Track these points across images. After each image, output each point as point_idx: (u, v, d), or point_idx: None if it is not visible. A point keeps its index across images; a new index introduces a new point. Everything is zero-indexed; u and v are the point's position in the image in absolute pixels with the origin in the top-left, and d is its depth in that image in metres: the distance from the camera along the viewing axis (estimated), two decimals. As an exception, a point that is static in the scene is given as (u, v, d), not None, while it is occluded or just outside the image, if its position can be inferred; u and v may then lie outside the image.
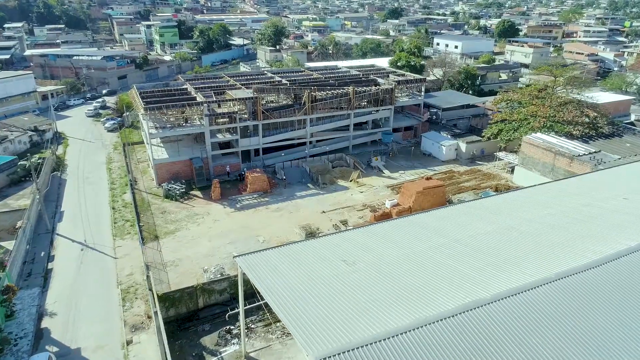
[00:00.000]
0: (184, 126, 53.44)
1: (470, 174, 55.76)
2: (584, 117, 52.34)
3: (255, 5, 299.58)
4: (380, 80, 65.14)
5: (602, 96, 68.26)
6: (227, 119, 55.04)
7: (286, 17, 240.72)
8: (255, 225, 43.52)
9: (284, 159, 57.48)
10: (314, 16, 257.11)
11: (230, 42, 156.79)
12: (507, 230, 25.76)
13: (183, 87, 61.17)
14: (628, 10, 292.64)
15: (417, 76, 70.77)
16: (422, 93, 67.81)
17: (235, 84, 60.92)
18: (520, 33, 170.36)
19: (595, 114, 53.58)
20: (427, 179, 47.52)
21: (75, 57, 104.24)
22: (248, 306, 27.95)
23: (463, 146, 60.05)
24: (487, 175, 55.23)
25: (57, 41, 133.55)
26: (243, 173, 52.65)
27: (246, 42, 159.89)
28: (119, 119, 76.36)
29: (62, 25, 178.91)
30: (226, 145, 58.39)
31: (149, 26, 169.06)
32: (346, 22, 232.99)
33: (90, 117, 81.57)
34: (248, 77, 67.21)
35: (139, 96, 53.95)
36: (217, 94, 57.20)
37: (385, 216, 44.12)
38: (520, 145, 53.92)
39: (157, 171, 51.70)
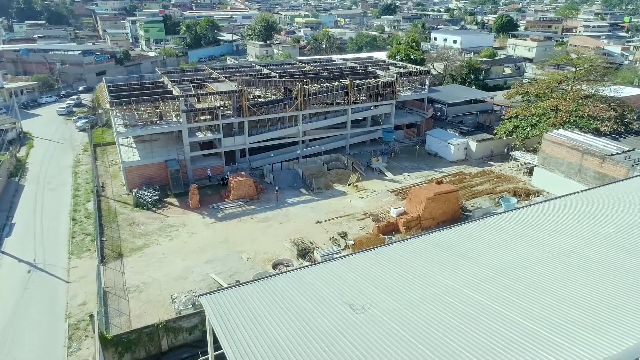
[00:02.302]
0: (158, 124, 46.79)
1: (483, 176, 49.64)
2: (611, 111, 46.34)
3: (246, 2, 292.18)
4: (379, 72, 58.84)
5: (621, 90, 62.40)
6: (209, 116, 48.50)
7: (278, 14, 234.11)
8: (239, 239, 37.06)
9: (274, 161, 51.03)
10: (307, 13, 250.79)
11: (219, 37, 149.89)
12: (564, 256, 19.50)
13: (160, 80, 54.50)
14: (623, 7, 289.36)
15: (420, 68, 64.56)
16: (426, 87, 61.54)
17: (219, 77, 54.37)
18: (519, 28, 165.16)
19: (623, 108, 47.62)
20: (438, 182, 41.29)
21: (50, 52, 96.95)
22: (220, 351, 21.49)
23: (473, 145, 53.93)
24: (501, 177, 49.13)
25: (34, 36, 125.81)
26: (226, 177, 46.15)
27: (235, 37, 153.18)
28: (93, 117, 69.57)
29: (43, 22, 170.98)
30: (209, 145, 51.88)
31: (134, 22, 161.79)
32: (339, 19, 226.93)
33: (62, 115, 74.58)
34: (233, 69, 60.65)
35: (106, 90, 47.25)
36: (198, 88, 50.66)
37: (391, 227, 37.96)
38: (539, 143, 47.92)
39: (127, 175, 45.06)
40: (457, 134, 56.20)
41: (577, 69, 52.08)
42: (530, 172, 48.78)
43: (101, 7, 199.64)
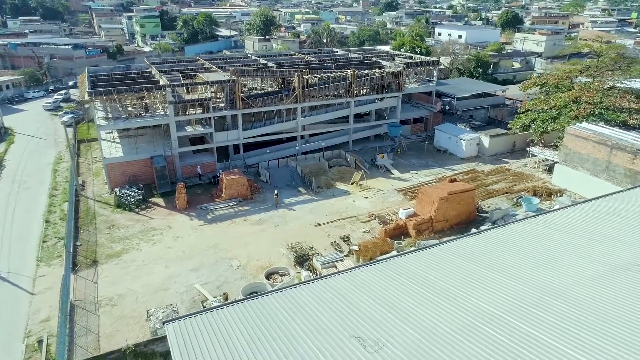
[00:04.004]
0: (144, 116, 42.77)
1: (498, 174, 45.58)
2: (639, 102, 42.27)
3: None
4: (384, 63, 54.75)
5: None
6: (199, 109, 44.50)
7: (278, 11, 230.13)
8: (230, 244, 33.04)
9: (270, 158, 46.99)
10: (307, 10, 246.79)
11: (217, 33, 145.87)
12: (626, 270, 15.46)
13: (147, 71, 50.50)
14: (629, 4, 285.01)
15: (428, 58, 60.47)
16: (435, 79, 57.43)
17: (211, 67, 50.34)
18: (524, 24, 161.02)
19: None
20: (451, 180, 37.24)
21: (39, 46, 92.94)
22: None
23: (486, 141, 49.84)
24: (518, 175, 45.04)
25: (25, 31, 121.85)
26: (218, 175, 42.14)
27: (234, 33, 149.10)
28: (81, 112, 65.62)
29: (37, 18, 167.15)
30: (200, 141, 47.94)
31: (130, 17, 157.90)
32: (340, 16, 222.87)
33: (48, 110, 70.69)
34: (227, 60, 56.62)
35: (88, 80, 43.27)
36: (188, 78, 46.60)
37: (399, 230, 33.92)
38: (560, 138, 43.91)
39: (109, 173, 41.08)
40: (468, 129, 52.14)
41: (600, 57, 47.93)
42: (549, 169, 44.78)
43: (97, 3, 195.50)
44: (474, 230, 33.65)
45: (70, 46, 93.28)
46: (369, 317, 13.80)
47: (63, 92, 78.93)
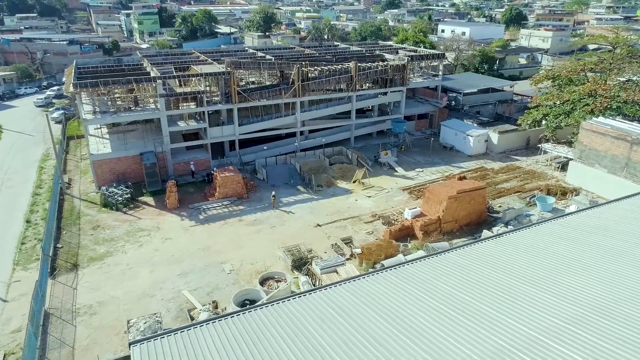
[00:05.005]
0: (133, 110, 40.39)
1: (508, 171, 43.16)
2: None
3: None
4: (388, 56, 52.31)
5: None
6: (193, 103, 42.10)
7: (278, 9, 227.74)
8: (222, 246, 30.66)
9: (268, 154, 44.60)
10: (308, 8, 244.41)
11: (216, 30, 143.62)
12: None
13: (139, 63, 48.14)
14: (632, 2, 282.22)
15: (434, 51, 58.01)
16: (440, 73, 54.95)
17: (206, 60, 47.95)
18: (528, 22, 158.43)
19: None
20: (460, 178, 34.80)
21: (33, 41, 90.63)
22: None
23: (494, 137, 47.41)
24: (529, 173, 42.61)
25: (20, 27, 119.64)
26: (212, 172, 39.75)
27: (233, 30, 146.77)
28: (72, 109, 63.27)
29: (35, 15, 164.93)
30: (195, 137, 45.55)
31: (128, 15, 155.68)
32: (341, 15, 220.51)
33: (40, 107, 68.43)
34: (224, 52, 54.21)
35: (74, 72, 40.92)
36: (182, 71, 44.20)
37: (405, 231, 31.54)
38: (574, 133, 41.51)
39: (96, 170, 38.70)
40: (475, 125, 49.69)
41: (615, 49, 45.43)
42: (562, 167, 42.35)
43: (96, 1, 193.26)
44: (485, 231, 31.31)
45: (65, 42, 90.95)
46: (379, 341, 11.37)
47: (56, 88, 76.63)
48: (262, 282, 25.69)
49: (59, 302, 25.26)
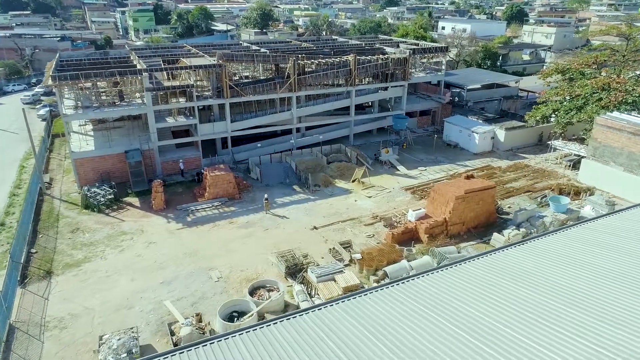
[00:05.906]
0: (118, 105, 37.94)
1: (516, 170, 40.83)
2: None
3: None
4: (388, 49, 49.91)
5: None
6: (183, 98, 39.67)
7: (276, 7, 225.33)
8: (211, 251, 28.25)
9: (262, 152, 42.19)
10: (306, 6, 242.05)
11: (213, 27, 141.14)
12: None
13: (126, 57, 45.70)
14: (634, 0, 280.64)
15: (436, 45, 55.63)
16: (443, 68, 52.58)
17: (197, 53, 45.53)
18: (530, 19, 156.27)
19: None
20: (468, 177, 32.41)
21: (23, 37, 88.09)
22: None
23: (501, 134, 45.06)
24: (538, 172, 40.29)
25: (12, 24, 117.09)
26: (202, 171, 37.33)
27: (230, 27, 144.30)
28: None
29: (28, 12, 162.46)
30: (186, 133, 43.17)
31: (123, 12, 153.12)
32: (340, 13, 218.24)
33: (27, 104, 65.74)
34: (217, 46, 51.74)
35: (55, 65, 38.51)
36: (171, 64, 41.80)
37: (409, 234, 29.15)
38: (586, 130, 39.21)
39: (79, 169, 36.29)
40: (480, 122, 47.35)
41: (629, 40, 43.10)
42: (573, 165, 40.05)
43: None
44: (496, 234, 28.96)
45: (56, 38, 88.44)
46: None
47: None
48: (252, 292, 23.30)
49: (27, 314, 22.82)
